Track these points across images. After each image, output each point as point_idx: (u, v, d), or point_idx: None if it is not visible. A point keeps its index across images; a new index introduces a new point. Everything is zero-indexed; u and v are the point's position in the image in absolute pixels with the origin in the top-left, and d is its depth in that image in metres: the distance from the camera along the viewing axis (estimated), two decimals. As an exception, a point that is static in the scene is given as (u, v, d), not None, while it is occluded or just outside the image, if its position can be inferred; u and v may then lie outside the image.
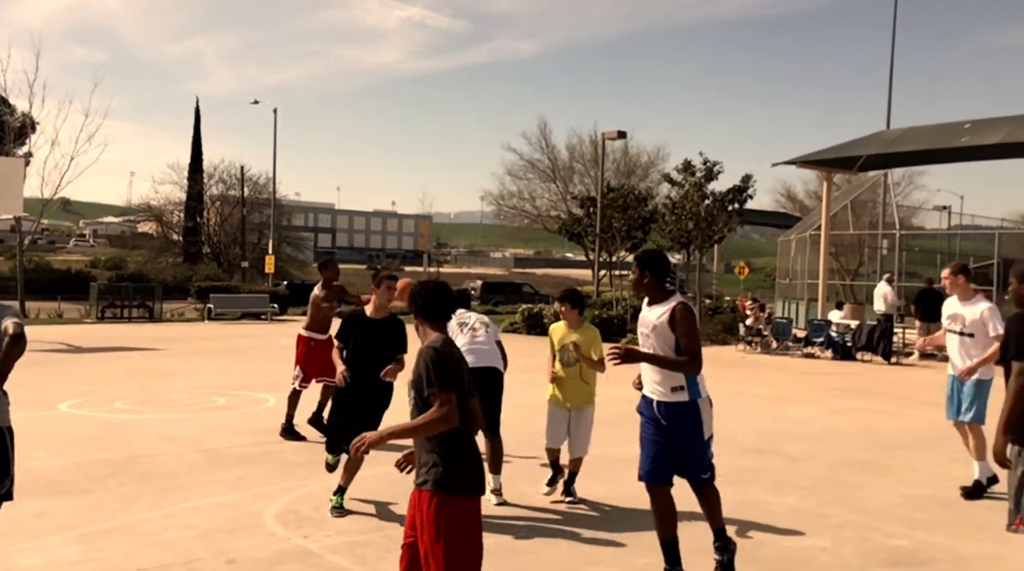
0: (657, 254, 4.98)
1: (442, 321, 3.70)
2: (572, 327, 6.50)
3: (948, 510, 6.58)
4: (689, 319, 4.60)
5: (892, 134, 21.30)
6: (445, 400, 3.38)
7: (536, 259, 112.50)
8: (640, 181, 43.38)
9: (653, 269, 4.77)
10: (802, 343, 19.46)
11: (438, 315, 3.69)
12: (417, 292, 3.70)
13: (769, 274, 43.11)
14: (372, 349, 6.14)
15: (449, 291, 3.80)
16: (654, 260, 4.83)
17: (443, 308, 3.71)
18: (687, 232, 23.86)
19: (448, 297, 3.73)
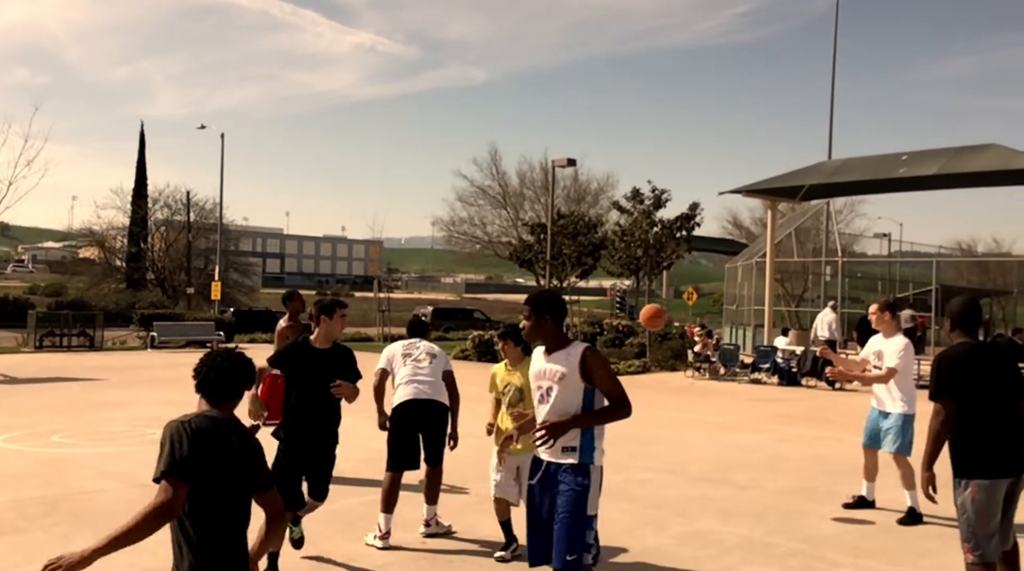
0: (555, 295, 4.35)
1: (224, 401, 3.12)
2: (514, 365, 5.88)
3: (891, 537, 6.69)
4: (604, 362, 4.09)
5: (833, 164, 21.87)
6: (164, 489, 2.82)
7: (488, 285, 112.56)
8: (590, 208, 43.81)
9: (553, 312, 4.16)
10: (749, 369, 19.73)
11: (219, 395, 3.11)
12: (205, 364, 3.13)
13: (717, 300, 43.76)
14: (320, 382, 5.58)
15: (243, 369, 3.17)
16: (553, 301, 4.22)
17: (229, 388, 3.12)
18: (636, 259, 24.21)
19: (238, 376, 3.14)
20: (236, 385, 3.13)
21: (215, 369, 3.11)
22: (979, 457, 4.56)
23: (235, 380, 3.13)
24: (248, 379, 3.18)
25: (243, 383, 3.16)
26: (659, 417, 13.28)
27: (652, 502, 7.69)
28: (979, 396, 4.62)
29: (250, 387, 3.24)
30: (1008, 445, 4.61)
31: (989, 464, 4.55)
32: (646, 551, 6.15)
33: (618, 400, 4.02)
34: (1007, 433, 4.62)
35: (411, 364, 6.51)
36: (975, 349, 4.76)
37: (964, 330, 4.85)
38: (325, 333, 5.83)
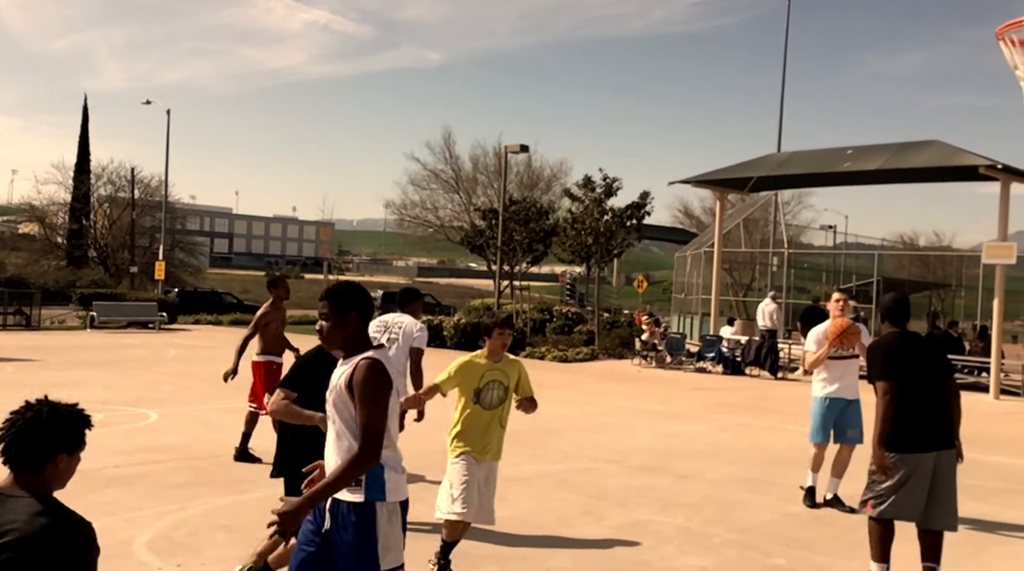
0: (360, 288, 3.44)
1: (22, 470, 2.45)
2: (495, 360, 5.17)
3: (826, 528, 6.80)
4: (373, 380, 3.10)
5: (780, 157, 22.14)
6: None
7: (440, 269, 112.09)
8: (543, 194, 43.74)
9: (361, 308, 3.31)
10: (695, 358, 19.95)
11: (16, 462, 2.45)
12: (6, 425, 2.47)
13: (667, 288, 44.15)
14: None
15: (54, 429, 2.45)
16: (360, 296, 3.36)
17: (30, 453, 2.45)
18: (587, 246, 24.21)
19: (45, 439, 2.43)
20: (41, 449, 2.42)
21: (16, 432, 2.42)
22: (904, 433, 5.12)
23: (40, 443, 2.41)
24: (60, 444, 2.44)
25: (52, 448, 2.43)
26: (605, 406, 13.35)
27: (593, 492, 7.71)
28: (906, 379, 5.20)
29: (64, 453, 2.46)
30: (930, 423, 5.20)
31: (912, 440, 5.12)
32: (582, 542, 6.16)
33: (364, 434, 3.05)
34: (930, 412, 5.23)
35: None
36: (902, 338, 5.38)
37: (893, 322, 5.49)
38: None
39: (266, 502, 6.43)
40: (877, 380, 5.22)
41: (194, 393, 13.25)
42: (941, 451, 5.21)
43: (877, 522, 5.22)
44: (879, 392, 5.18)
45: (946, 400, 5.37)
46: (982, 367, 17.45)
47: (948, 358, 5.59)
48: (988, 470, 9.45)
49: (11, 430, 2.42)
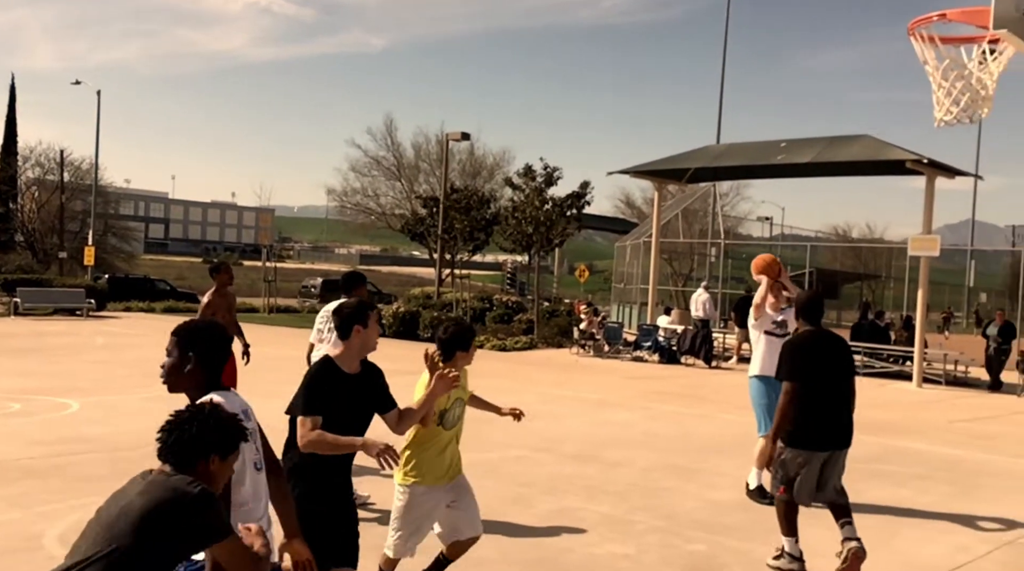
0: (204, 328, 3.05)
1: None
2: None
3: (746, 514, 6.93)
4: None
5: (718, 149, 22.45)
6: None
7: (383, 257, 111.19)
8: (485, 183, 43.74)
9: (201, 348, 2.97)
10: (632, 347, 20.16)
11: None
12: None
13: (609, 277, 44.56)
14: (350, 423, 3.80)
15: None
16: (201, 335, 3.00)
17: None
18: (528, 235, 24.25)
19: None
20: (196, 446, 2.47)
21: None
22: (804, 431, 5.33)
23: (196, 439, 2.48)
24: (214, 445, 2.48)
25: (206, 448, 2.48)
26: (541, 394, 13.40)
27: (523, 480, 7.72)
28: (815, 378, 5.37)
29: (217, 454, 2.48)
30: (833, 423, 5.40)
31: (812, 439, 5.34)
32: (509, 530, 6.16)
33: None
34: (834, 411, 5.42)
35: (326, 337, 6.45)
36: (815, 338, 5.53)
37: (807, 319, 5.63)
38: (361, 346, 3.89)
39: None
40: (783, 378, 5.40)
41: (120, 382, 12.90)
42: (835, 450, 5.45)
43: (784, 502, 5.46)
44: (783, 390, 5.37)
45: (848, 401, 5.53)
46: (906, 356, 17.98)
47: (853, 359, 5.76)
48: (907, 456, 9.75)
49: (172, 426, 2.45)
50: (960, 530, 6.74)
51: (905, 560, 5.93)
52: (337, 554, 3.78)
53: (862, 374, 17.59)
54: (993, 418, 13.38)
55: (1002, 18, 3.33)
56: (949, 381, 17.52)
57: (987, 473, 9.07)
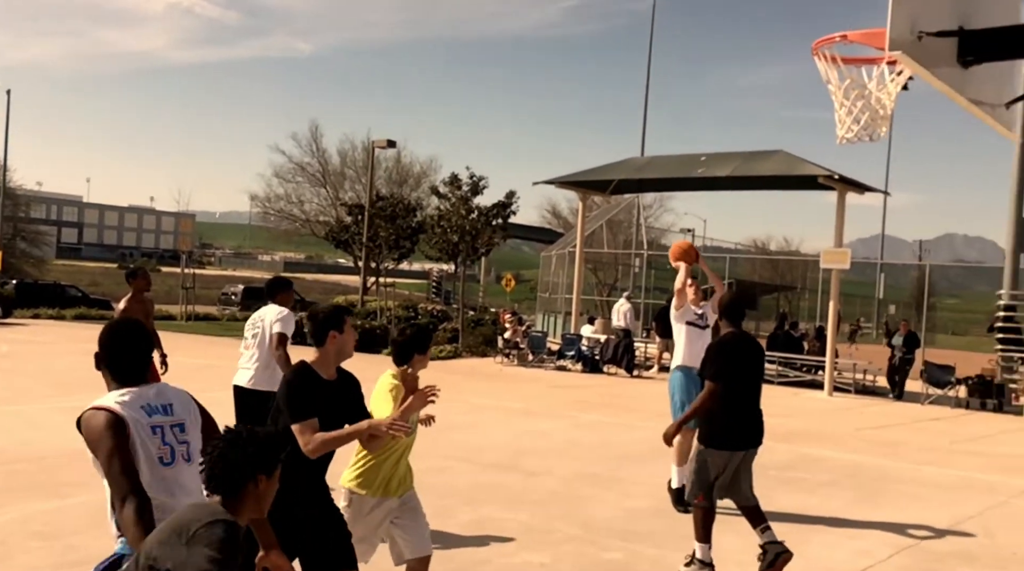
0: (110, 332, 3.02)
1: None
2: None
3: (661, 521, 7.03)
4: (99, 432, 2.75)
5: (641, 161, 22.85)
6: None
7: (308, 264, 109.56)
8: (412, 191, 43.50)
9: (107, 352, 2.99)
10: (555, 356, 20.29)
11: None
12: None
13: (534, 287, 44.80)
14: (331, 429, 3.69)
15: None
16: (107, 340, 3.00)
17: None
18: (454, 244, 24.21)
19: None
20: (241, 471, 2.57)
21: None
22: (726, 432, 5.49)
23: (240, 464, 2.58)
24: (258, 466, 2.55)
25: (251, 470, 2.56)
26: (465, 404, 13.36)
27: (443, 491, 7.67)
28: (736, 379, 5.52)
29: (263, 474, 2.56)
30: (751, 423, 5.59)
31: (733, 438, 5.52)
32: (425, 541, 6.11)
33: (113, 487, 2.73)
34: (750, 413, 5.61)
35: (249, 343, 6.45)
36: (738, 340, 5.66)
37: (730, 321, 5.76)
38: (337, 352, 3.82)
39: (90, 507, 6.07)
40: (708, 378, 5.55)
41: (23, 392, 12.37)
42: (752, 449, 5.67)
43: (703, 508, 5.59)
44: (706, 389, 5.53)
45: (758, 401, 5.73)
46: (818, 365, 18.55)
47: (764, 362, 6.00)
48: (816, 463, 10.05)
49: (214, 457, 2.51)
50: (864, 535, 6.97)
51: (810, 566, 6.10)
52: (333, 558, 3.69)
53: (777, 383, 18.10)
54: (897, 426, 13.90)
55: (897, 41, 3.47)
56: (858, 390, 18.15)
57: (890, 479, 9.41)
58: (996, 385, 16.90)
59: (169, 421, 2.94)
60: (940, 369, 17.43)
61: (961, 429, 13.89)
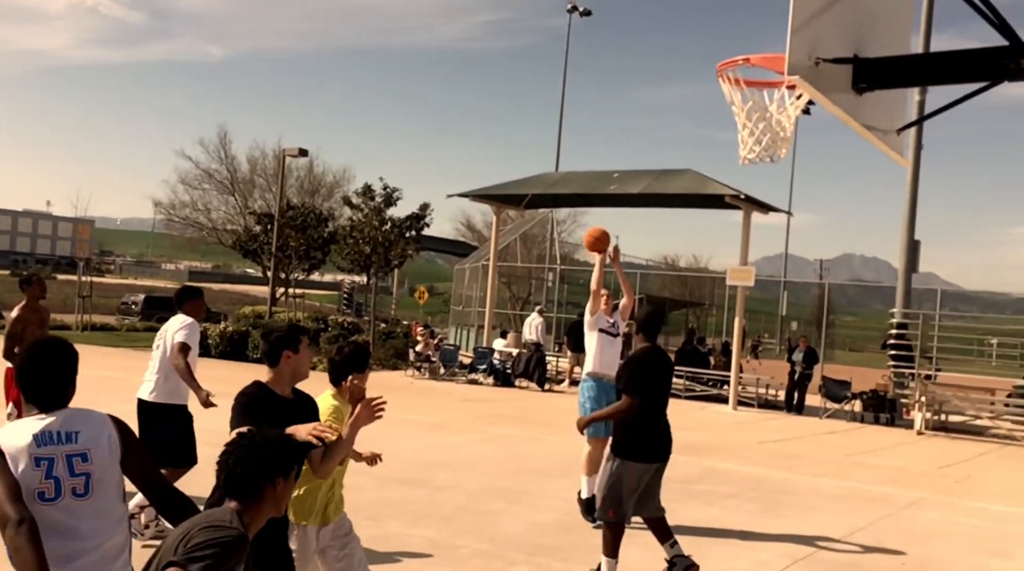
0: (26, 352, 2.95)
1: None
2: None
3: (569, 535, 7.05)
4: None
5: (554, 176, 23.07)
6: None
7: (214, 273, 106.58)
8: (324, 201, 42.84)
9: (17, 368, 2.93)
10: (467, 370, 20.23)
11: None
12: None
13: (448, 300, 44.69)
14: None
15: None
16: (22, 357, 2.94)
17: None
18: (366, 256, 23.95)
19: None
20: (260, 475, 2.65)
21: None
22: (643, 445, 5.58)
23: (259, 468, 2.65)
24: (277, 468, 2.64)
25: (270, 472, 2.64)
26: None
27: (347, 506, 7.51)
28: (653, 393, 5.63)
29: (281, 475, 2.65)
30: (663, 435, 5.70)
31: (651, 450, 5.61)
32: (327, 559, 5.96)
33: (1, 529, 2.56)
34: (663, 427, 5.72)
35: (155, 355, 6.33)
36: (654, 354, 5.77)
37: (647, 335, 5.84)
38: (292, 373, 3.75)
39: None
40: (626, 392, 5.60)
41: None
42: (664, 461, 5.76)
43: (615, 523, 5.62)
44: (625, 402, 5.58)
45: (666, 415, 5.84)
46: (724, 380, 19.02)
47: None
48: (719, 476, 10.26)
49: (229, 460, 2.58)
50: (763, 546, 7.14)
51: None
52: None
53: (684, 397, 18.48)
54: (797, 439, 14.35)
55: (795, 66, 3.57)
56: (761, 404, 18.68)
57: (790, 491, 9.69)
58: (889, 400, 17.64)
59: (67, 451, 2.73)
60: (837, 384, 18.10)
61: (856, 442, 14.44)
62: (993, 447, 15.16)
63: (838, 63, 3.92)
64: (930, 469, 12.16)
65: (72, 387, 2.91)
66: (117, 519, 2.84)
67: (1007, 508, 9.69)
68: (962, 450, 14.33)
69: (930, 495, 10.07)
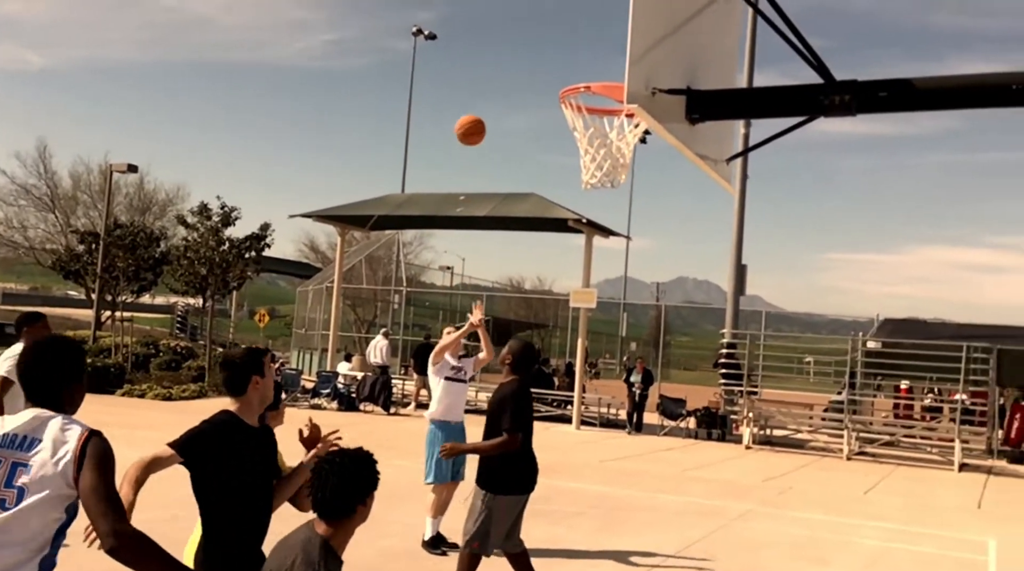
0: (39, 345, 2.84)
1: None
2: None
3: (417, 562, 6.92)
4: None
5: (400, 198, 22.94)
6: None
7: (31, 296, 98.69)
8: (156, 220, 40.63)
9: (20, 366, 2.82)
10: (310, 394, 19.66)
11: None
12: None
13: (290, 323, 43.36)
14: (263, 482, 3.49)
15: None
16: (28, 354, 2.83)
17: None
18: (202, 277, 22.84)
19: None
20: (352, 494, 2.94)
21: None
22: (516, 477, 5.58)
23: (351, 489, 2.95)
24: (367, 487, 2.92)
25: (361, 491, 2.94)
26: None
27: (173, 542, 7.05)
28: (526, 427, 5.66)
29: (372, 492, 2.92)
30: (532, 465, 5.72)
31: (521, 483, 5.61)
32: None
33: None
34: (532, 455, 5.74)
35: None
36: (526, 386, 5.80)
37: (525, 368, 5.82)
38: (261, 399, 3.52)
39: None
40: (508, 428, 5.51)
41: None
42: (531, 492, 5.78)
43: (475, 555, 5.59)
44: (508, 438, 5.49)
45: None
46: (568, 400, 19.42)
47: None
48: (563, 495, 10.41)
49: (326, 485, 2.74)
50: (603, 564, 7.28)
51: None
52: None
53: (529, 418, 18.71)
54: (637, 456, 14.82)
55: (634, 95, 3.68)
56: (603, 423, 19.19)
57: (631, 508, 9.96)
58: (720, 416, 18.57)
59: (13, 457, 2.59)
60: (674, 402, 18.87)
61: (691, 457, 15.07)
62: (812, 459, 16.23)
63: (673, 94, 4.08)
64: (757, 482, 12.85)
65: (69, 388, 2.74)
66: (22, 542, 2.56)
67: (825, 517, 10.37)
68: (785, 463, 15.25)
69: (757, 507, 10.62)
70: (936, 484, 14.02)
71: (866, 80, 4.12)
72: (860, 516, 10.55)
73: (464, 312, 39.20)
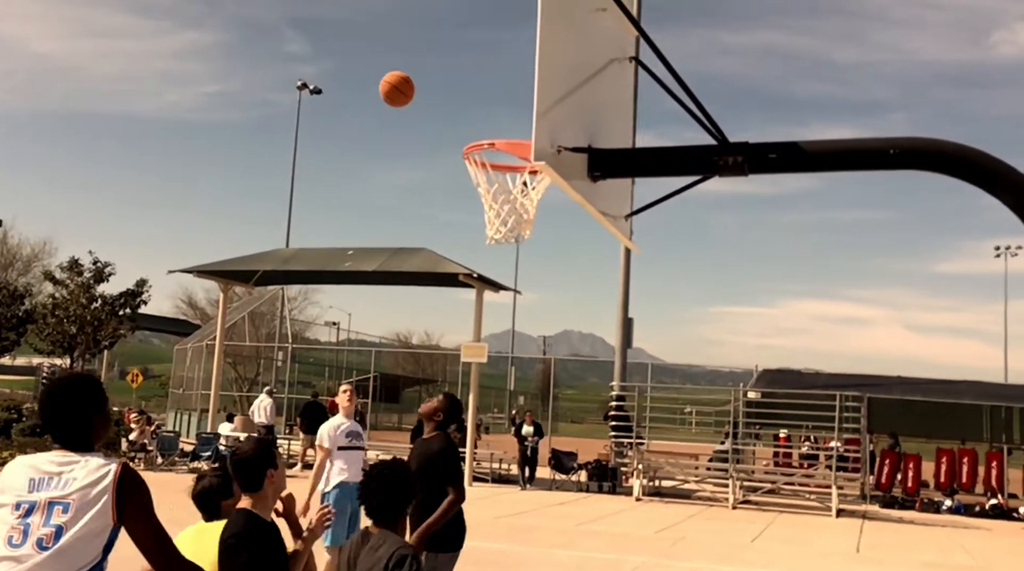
0: (62, 384, 2.90)
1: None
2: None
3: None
4: None
5: (287, 252, 22.48)
6: None
7: None
8: (20, 276, 38.34)
9: (42, 406, 2.95)
10: (189, 458, 18.72)
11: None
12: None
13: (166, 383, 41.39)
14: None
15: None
16: (50, 393, 2.91)
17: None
18: (71, 336, 21.64)
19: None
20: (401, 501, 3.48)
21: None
22: (455, 533, 5.51)
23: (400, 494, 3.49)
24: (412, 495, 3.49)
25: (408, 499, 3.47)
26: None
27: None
28: (462, 482, 5.58)
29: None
30: (463, 523, 5.63)
31: (459, 538, 5.55)
32: None
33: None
34: (461, 512, 5.62)
35: None
36: (453, 441, 5.71)
37: (448, 425, 5.69)
38: (276, 491, 3.43)
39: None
40: (453, 484, 5.38)
41: None
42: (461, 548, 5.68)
43: None
44: (454, 496, 5.35)
45: None
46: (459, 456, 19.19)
47: None
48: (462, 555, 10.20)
49: (378, 493, 3.28)
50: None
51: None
52: None
53: (421, 476, 18.36)
54: (531, 511, 14.74)
55: (540, 152, 3.74)
56: (495, 479, 19.04)
57: (527, 565, 9.86)
58: (611, 468, 18.75)
59: (48, 497, 2.66)
60: (565, 456, 18.94)
61: (584, 511, 15.11)
62: (700, 508, 16.56)
63: (576, 152, 4.17)
64: (649, 533, 12.98)
65: (92, 426, 2.80)
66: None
67: (718, 566, 10.55)
68: (674, 513, 15.49)
69: (651, 559, 10.71)
70: (816, 530, 14.52)
71: (757, 142, 4.32)
72: (750, 565, 10.79)
73: (351, 368, 38.42)
